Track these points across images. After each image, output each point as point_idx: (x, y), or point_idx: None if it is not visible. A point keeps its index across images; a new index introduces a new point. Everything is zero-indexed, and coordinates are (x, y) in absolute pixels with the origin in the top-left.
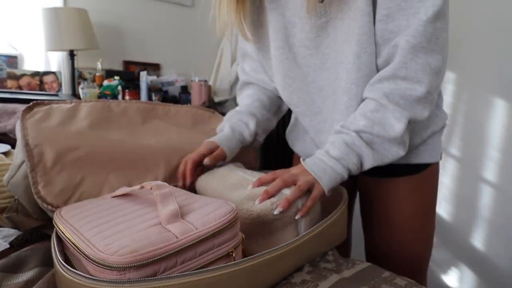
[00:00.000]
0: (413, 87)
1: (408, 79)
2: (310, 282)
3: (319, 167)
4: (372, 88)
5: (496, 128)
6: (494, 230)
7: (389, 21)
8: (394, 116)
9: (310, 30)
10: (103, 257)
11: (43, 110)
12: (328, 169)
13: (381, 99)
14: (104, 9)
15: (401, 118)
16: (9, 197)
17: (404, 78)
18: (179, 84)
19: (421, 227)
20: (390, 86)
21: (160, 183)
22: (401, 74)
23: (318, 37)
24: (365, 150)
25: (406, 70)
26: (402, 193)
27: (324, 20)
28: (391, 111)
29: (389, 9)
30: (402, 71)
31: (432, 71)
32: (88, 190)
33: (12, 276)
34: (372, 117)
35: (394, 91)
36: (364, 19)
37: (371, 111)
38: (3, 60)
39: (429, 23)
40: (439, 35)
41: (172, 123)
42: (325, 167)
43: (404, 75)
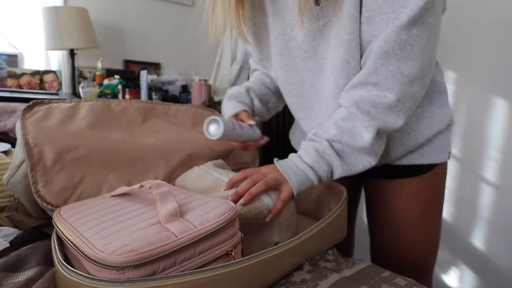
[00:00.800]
0: (383, 94)
1: (378, 85)
2: (310, 281)
3: (291, 169)
4: (345, 94)
5: (496, 128)
6: (494, 230)
7: (369, 23)
8: (362, 125)
9: (307, 33)
10: (102, 257)
11: (43, 109)
12: (299, 173)
13: (351, 107)
14: (105, 8)
15: (369, 127)
16: (9, 196)
17: (374, 84)
18: (179, 83)
19: (427, 229)
20: (361, 93)
21: (159, 182)
22: (371, 80)
23: (316, 40)
24: (335, 160)
25: (377, 76)
26: (407, 195)
27: (322, 23)
28: (360, 120)
29: (371, 11)
30: (373, 77)
31: (404, 78)
32: (87, 190)
33: (12, 275)
34: (342, 125)
35: (364, 98)
36: (353, 25)
37: (342, 119)
38: (3, 59)
39: (402, 29)
40: (415, 42)
41: (172, 122)
42: (297, 170)
43: (375, 81)
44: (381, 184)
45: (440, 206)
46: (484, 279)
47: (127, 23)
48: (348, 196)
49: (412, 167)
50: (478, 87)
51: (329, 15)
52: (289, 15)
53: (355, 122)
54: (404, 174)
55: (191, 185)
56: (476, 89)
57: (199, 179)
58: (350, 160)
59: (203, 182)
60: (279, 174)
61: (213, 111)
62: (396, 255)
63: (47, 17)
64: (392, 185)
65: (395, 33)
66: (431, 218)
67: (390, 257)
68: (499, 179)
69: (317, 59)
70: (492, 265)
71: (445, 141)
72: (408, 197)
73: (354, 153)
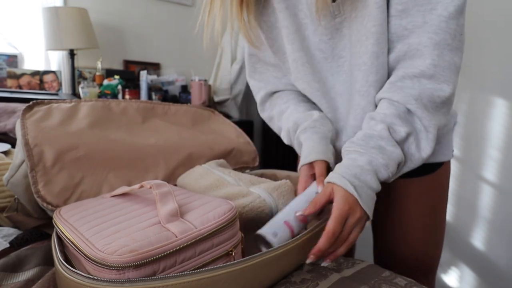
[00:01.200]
0: (440, 87)
1: (435, 78)
2: (310, 281)
3: (369, 198)
4: (394, 88)
5: (496, 127)
6: (494, 230)
7: (403, 16)
8: (423, 125)
9: (324, 32)
10: (102, 257)
11: (43, 109)
12: (371, 194)
13: (409, 103)
14: (104, 8)
15: (429, 127)
16: (9, 196)
17: (430, 77)
18: (179, 83)
19: (434, 227)
20: (414, 86)
21: (159, 182)
22: (429, 72)
23: (333, 39)
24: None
25: (435, 68)
26: (416, 193)
27: (338, 20)
28: (420, 119)
29: (404, 4)
30: (431, 69)
31: (456, 70)
32: (87, 190)
33: (12, 275)
34: (406, 124)
35: (422, 92)
36: (381, 17)
37: (399, 118)
38: (3, 59)
39: (451, 19)
40: (462, 31)
41: (172, 122)
42: (370, 193)
43: (432, 73)
44: (387, 183)
45: (445, 204)
46: (484, 279)
47: (127, 23)
48: None
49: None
50: (478, 87)
51: (346, 11)
52: (302, 14)
53: (416, 122)
54: (412, 173)
55: (193, 183)
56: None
57: (201, 178)
58: (403, 169)
59: (205, 181)
60: (361, 211)
61: (213, 111)
62: (401, 254)
63: (47, 18)
64: (401, 183)
65: (444, 23)
66: (437, 217)
67: (395, 256)
68: (499, 179)
69: (335, 58)
70: (492, 265)
71: (450, 139)
72: (416, 196)
73: (413, 161)
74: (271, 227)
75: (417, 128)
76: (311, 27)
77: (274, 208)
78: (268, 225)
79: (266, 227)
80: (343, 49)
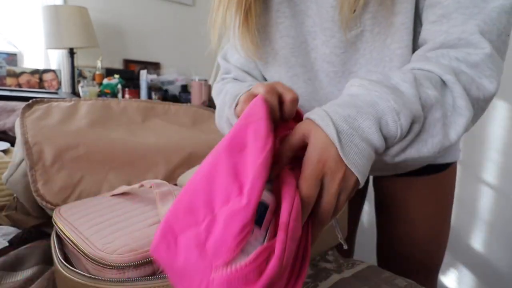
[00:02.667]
0: (481, 81)
1: (479, 68)
2: (310, 282)
3: (362, 156)
4: (425, 59)
5: (496, 130)
6: (493, 232)
7: (443, 21)
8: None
9: (337, 45)
10: (102, 256)
11: (42, 108)
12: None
13: (446, 74)
14: (104, 7)
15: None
16: (8, 195)
17: (475, 65)
18: (179, 83)
19: (439, 227)
20: (452, 63)
21: (159, 182)
22: (472, 59)
23: (346, 53)
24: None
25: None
26: (422, 192)
27: (354, 33)
28: (454, 97)
29: (445, 8)
30: (477, 55)
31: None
32: (87, 189)
33: (11, 274)
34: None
35: (461, 72)
36: (408, 38)
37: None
38: (3, 57)
39: (504, 11)
40: (510, 33)
41: (172, 122)
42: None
43: (477, 61)
44: (393, 182)
45: (450, 206)
46: (483, 281)
47: (127, 22)
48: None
49: (427, 166)
50: None
51: (365, 25)
52: (310, 21)
53: (448, 97)
54: (419, 172)
55: None
56: None
57: None
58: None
59: None
60: (343, 169)
61: (213, 111)
62: (405, 254)
63: (47, 16)
64: (405, 182)
65: (496, 13)
66: (442, 218)
67: (398, 255)
68: (499, 181)
69: (345, 73)
70: (492, 267)
71: (459, 140)
72: (422, 195)
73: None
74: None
75: (447, 104)
76: (322, 37)
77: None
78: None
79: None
80: (354, 64)
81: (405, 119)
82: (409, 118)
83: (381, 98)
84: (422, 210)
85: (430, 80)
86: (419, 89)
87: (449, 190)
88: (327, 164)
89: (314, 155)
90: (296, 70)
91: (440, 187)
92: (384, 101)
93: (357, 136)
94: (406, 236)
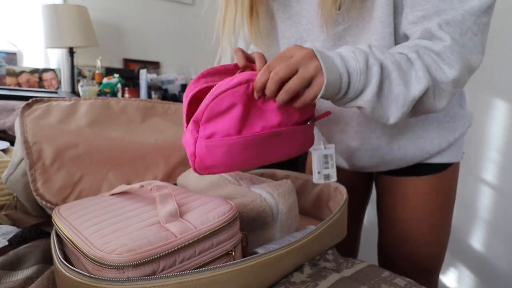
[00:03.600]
0: (443, 67)
1: (440, 56)
2: (309, 281)
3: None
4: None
5: (496, 129)
6: (493, 232)
7: (424, 23)
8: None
9: (326, 39)
10: (101, 256)
11: (42, 107)
12: (336, 71)
13: (410, 53)
14: (104, 7)
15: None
16: (8, 194)
17: (437, 53)
18: (179, 82)
19: (439, 227)
20: (419, 47)
21: (160, 184)
22: (436, 48)
23: (335, 46)
24: (375, 82)
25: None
26: (422, 193)
27: (342, 28)
28: (417, 70)
29: (425, 11)
30: (439, 45)
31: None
32: (87, 188)
33: (10, 274)
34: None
35: (426, 54)
36: (385, 31)
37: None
38: (2, 57)
39: (470, 14)
40: (479, 32)
41: (171, 121)
42: (334, 68)
43: (439, 51)
44: (395, 181)
45: (452, 206)
46: (482, 280)
47: (127, 21)
48: (357, 195)
49: (428, 165)
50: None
51: (350, 19)
52: (305, 20)
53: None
54: (419, 172)
55: (193, 182)
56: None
57: (201, 177)
58: (387, 97)
59: (205, 180)
60: (316, 64)
61: None
62: (406, 254)
63: (47, 15)
64: (406, 182)
65: (461, 16)
66: (443, 217)
67: (399, 256)
68: (498, 181)
69: None
70: (491, 266)
71: (462, 142)
72: (422, 195)
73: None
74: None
75: (408, 72)
76: (315, 33)
77: (275, 208)
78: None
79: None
80: None
81: (359, 54)
82: (363, 54)
83: (345, 48)
84: (422, 210)
85: (393, 55)
86: (374, 52)
87: (450, 190)
88: (299, 48)
89: (292, 46)
90: None
91: (440, 187)
92: (345, 49)
93: (325, 53)
94: (406, 235)
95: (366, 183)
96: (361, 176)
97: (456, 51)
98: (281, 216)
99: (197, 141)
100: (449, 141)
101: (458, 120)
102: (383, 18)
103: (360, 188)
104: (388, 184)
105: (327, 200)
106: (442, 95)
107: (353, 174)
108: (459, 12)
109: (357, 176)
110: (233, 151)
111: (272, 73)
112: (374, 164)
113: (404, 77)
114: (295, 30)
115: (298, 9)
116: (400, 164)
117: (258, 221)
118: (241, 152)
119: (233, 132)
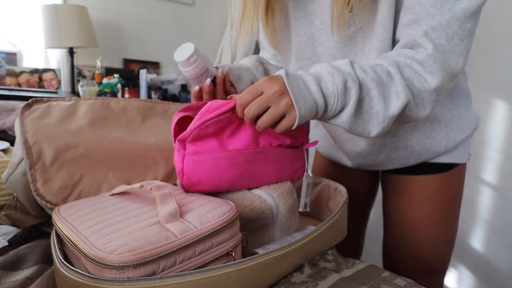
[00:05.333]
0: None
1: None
2: (309, 282)
3: (302, 94)
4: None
5: (496, 129)
6: (493, 232)
7: (414, 26)
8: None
9: (337, 40)
10: (101, 256)
11: (42, 107)
12: (310, 101)
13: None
14: (104, 7)
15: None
16: (8, 194)
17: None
18: (179, 82)
19: (444, 228)
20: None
21: (160, 184)
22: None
23: (346, 47)
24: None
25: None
26: (427, 192)
27: (353, 30)
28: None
29: (416, 14)
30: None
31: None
32: (87, 188)
33: (10, 274)
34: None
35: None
36: (385, 35)
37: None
38: (2, 57)
39: (455, 19)
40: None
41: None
42: (309, 98)
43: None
44: (401, 180)
45: (458, 206)
46: (482, 280)
47: (127, 21)
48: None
49: (434, 164)
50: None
51: (361, 21)
52: (318, 20)
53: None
54: (425, 170)
55: None
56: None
57: None
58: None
59: None
60: (286, 102)
61: None
62: (412, 253)
63: (47, 15)
64: (413, 181)
65: (446, 21)
66: (449, 218)
67: (405, 255)
68: (498, 181)
69: None
70: (492, 267)
71: (468, 144)
72: (428, 194)
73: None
74: None
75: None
76: (327, 33)
77: (275, 209)
78: None
79: None
80: (355, 57)
81: (337, 76)
82: (341, 77)
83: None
84: (428, 208)
85: (374, 69)
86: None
87: (456, 190)
88: (271, 81)
89: (263, 79)
90: (301, 63)
91: (447, 187)
92: (324, 69)
93: (299, 79)
94: (413, 234)
95: (372, 183)
96: (366, 175)
97: (438, 59)
98: (281, 217)
99: (185, 157)
100: (456, 142)
101: (465, 122)
102: (384, 21)
103: (365, 187)
104: (394, 183)
105: (327, 200)
106: (426, 103)
107: (358, 174)
108: (444, 17)
109: (362, 176)
110: (219, 165)
111: (245, 110)
112: (379, 162)
113: (384, 93)
114: (308, 29)
115: (312, 9)
116: (406, 162)
117: (258, 222)
118: (227, 168)
119: (218, 148)
